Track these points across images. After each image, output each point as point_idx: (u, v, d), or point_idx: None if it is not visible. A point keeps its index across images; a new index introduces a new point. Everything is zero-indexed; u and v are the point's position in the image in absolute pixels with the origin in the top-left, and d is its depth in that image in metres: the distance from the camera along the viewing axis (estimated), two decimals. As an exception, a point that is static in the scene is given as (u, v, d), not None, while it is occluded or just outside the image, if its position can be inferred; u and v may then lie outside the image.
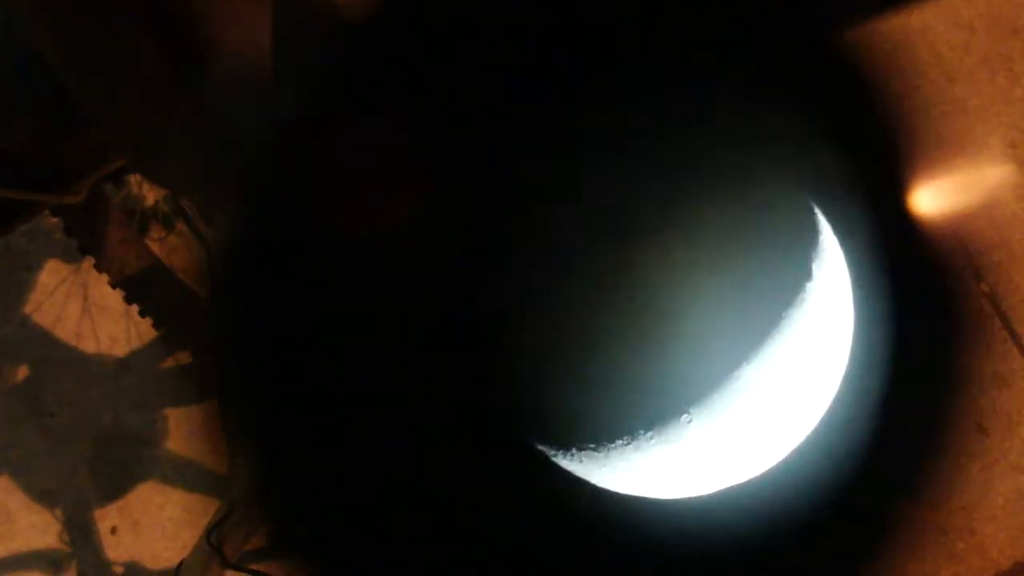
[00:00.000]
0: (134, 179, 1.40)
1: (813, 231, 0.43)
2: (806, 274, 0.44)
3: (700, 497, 0.44)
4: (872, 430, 0.41)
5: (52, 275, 1.69)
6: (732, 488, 0.43)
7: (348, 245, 0.42)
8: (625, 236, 0.45)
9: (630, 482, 0.45)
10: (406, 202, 0.43)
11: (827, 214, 0.42)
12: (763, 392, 0.44)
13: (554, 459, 0.46)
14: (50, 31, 0.59)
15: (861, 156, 0.40)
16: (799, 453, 0.43)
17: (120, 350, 1.68)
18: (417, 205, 0.43)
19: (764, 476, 0.43)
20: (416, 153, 0.42)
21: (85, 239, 1.15)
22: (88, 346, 1.68)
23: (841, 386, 0.43)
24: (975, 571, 1.66)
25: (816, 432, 0.43)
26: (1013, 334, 1.70)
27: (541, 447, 0.46)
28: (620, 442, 0.45)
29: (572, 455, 0.46)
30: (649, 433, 0.45)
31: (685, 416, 0.45)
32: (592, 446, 0.45)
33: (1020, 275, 1.73)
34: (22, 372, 1.69)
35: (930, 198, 0.38)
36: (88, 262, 1.19)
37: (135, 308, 1.22)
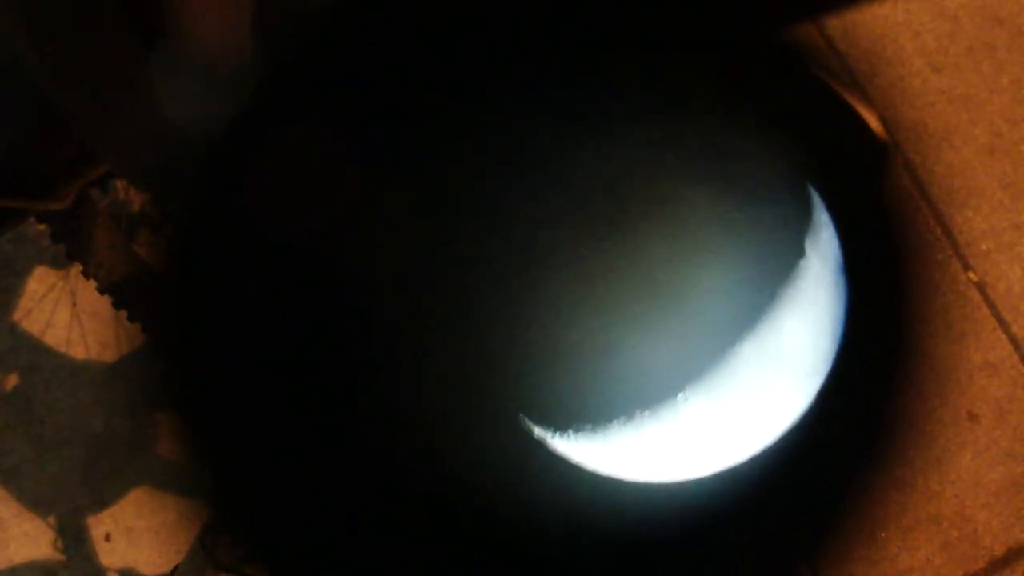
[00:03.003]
0: (120, 184, 1.39)
1: (806, 209, 0.43)
2: (799, 252, 0.44)
3: (697, 479, 0.44)
4: (865, 409, 0.41)
5: (40, 282, 1.68)
6: (730, 468, 0.43)
7: (320, 237, 0.41)
8: (616, 218, 0.45)
9: (627, 463, 0.45)
10: (365, 193, 0.42)
11: (820, 192, 0.42)
12: (758, 370, 0.44)
13: (551, 440, 0.46)
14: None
15: (838, 138, 0.40)
16: (794, 432, 0.43)
17: (110, 355, 1.67)
18: (393, 196, 0.43)
19: (761, 455, 0.43)
20: (392, 145, 0.42)
21: (72, 245, 1.14)
22: (78, 352, 1.67)
23: (836, 364, 0.43)
24: (968, 559, 1.67)
25: (811, 410, 0.43)
26: (1002, 322, 1.70)
27: (537, 429, 0.46)
28: (616, 422, 0.45)
29: (569, 436, 0.46)
30: (645, 412, 0.45)
31: (681, 395, 0.45)
32: (589, 426, 0.45)
33: (1009, 264, 1.74)
34: (12, 380, 1.68)
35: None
36: (76, 268, 1.19)
37: (124, 313, 1.21)
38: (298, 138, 0.39)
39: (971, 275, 1.72)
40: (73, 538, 1.64)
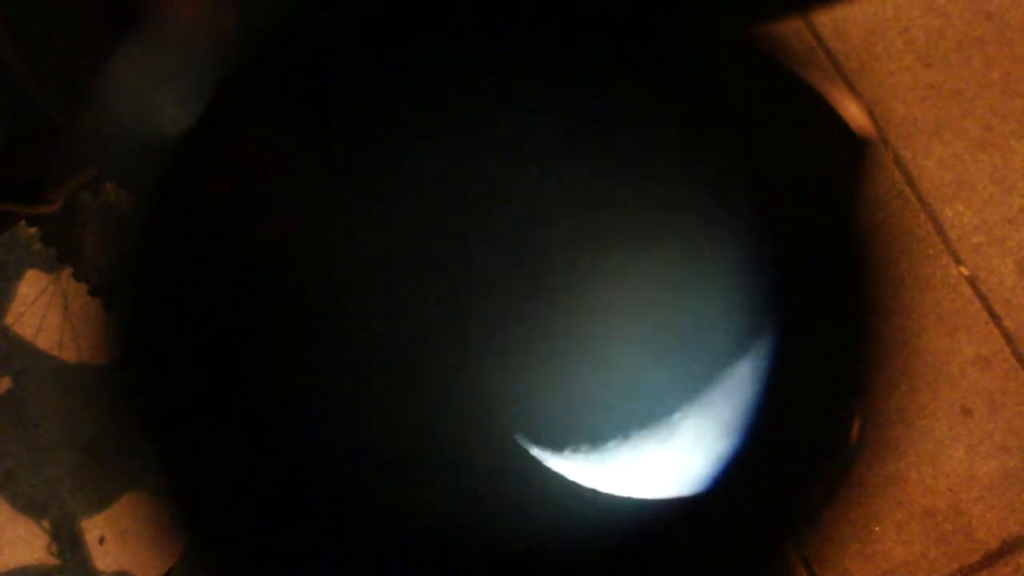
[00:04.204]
0: (111, 187, 1.39)
1: (798, 218, 0.43)
2: (795, 266, 0.43)
3: (692, 496, 0.44)
4: (857, 405, 0.41)
5: (31, 286, 1.68)
6: (725, 484, 0.43)
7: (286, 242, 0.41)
8: (613, 230, 0.45)
9: (624, 481, 0.45)
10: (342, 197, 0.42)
11: (807, 190, 0.42)
12: (754, 389, 0.44)
13: (546, 461, 0.45)
14: None
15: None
16: (786, 432, 0.43)
17: (102, 358, 1.67)
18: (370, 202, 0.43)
19: (753, 459, 0.43)
20: (358, 148, 0.42)
21: (63, 248, 1.14)
22: (70, 355, 1.66)
23: (827, 363, 0.43)
24: (963, 552, 1.67)
25: (805, 409, 0.43)
26: (994, 316, 1.71)
27: (533, 449, 0.46)
28: (612, 442, 0.45)
29: (565, 456, 0.45)
30: (642, 431, 0.45)
31: (677, 414, 0.45)
32: (585, 446, 0.45)
33: (1000, 258, 1.74)
34: (5, 384, 1.68)
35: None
36: (67, 271, 1.18)
37: (115, 316, 1.20)
38: (273, 133, 0.39)
39: (963, 269, 1.72)
40: (68, 542, 1.64)
